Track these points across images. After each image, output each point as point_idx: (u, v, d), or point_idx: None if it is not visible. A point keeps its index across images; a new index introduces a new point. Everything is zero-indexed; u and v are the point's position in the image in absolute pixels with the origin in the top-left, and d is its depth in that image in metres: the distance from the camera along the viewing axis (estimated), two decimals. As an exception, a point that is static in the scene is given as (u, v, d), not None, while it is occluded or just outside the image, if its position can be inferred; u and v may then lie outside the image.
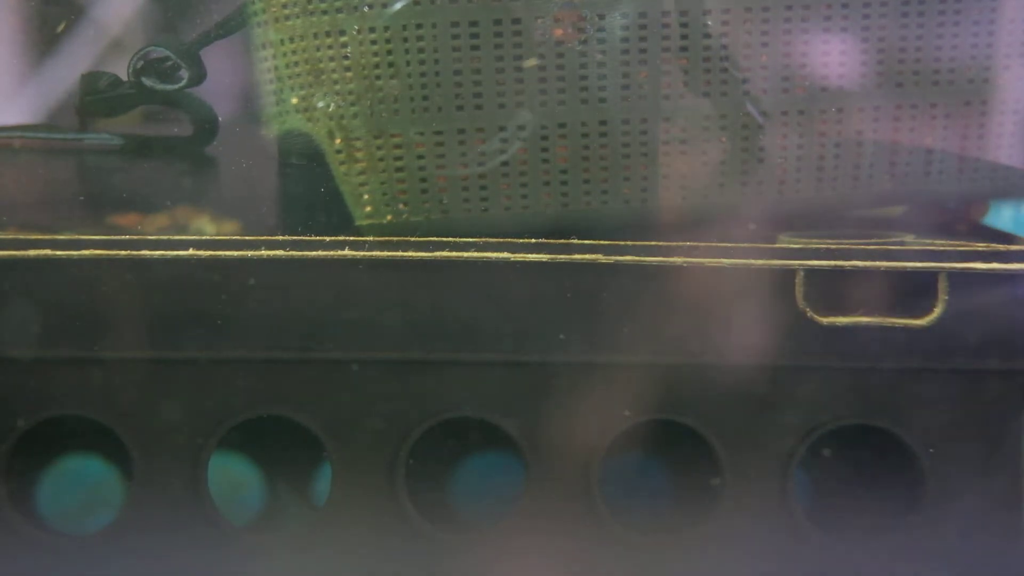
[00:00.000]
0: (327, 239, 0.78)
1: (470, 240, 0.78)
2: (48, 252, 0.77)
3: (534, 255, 0.78)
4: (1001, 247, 0.78)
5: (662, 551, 0.81)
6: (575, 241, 0.78)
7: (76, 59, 1.04)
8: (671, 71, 0.79)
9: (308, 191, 0.87)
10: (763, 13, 0.79)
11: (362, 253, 0.78)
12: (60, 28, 0.89)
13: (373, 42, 0.78)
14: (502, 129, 0.79)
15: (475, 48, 0.78)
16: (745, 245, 0.78)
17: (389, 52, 0.78)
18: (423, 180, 0.79)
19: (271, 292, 0.79)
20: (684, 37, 0.78)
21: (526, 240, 0.78)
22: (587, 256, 0.78)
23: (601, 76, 0.79)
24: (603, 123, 0.79)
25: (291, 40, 0.80)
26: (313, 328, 0.79)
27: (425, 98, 0.78)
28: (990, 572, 0.81)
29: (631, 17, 0.78)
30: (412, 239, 0.78)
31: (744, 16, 0.78)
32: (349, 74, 0.78)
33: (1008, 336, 0.79)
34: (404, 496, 0.80)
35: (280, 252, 0.78)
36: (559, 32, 0.78)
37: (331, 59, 0.79)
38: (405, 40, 0.77)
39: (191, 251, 0.78)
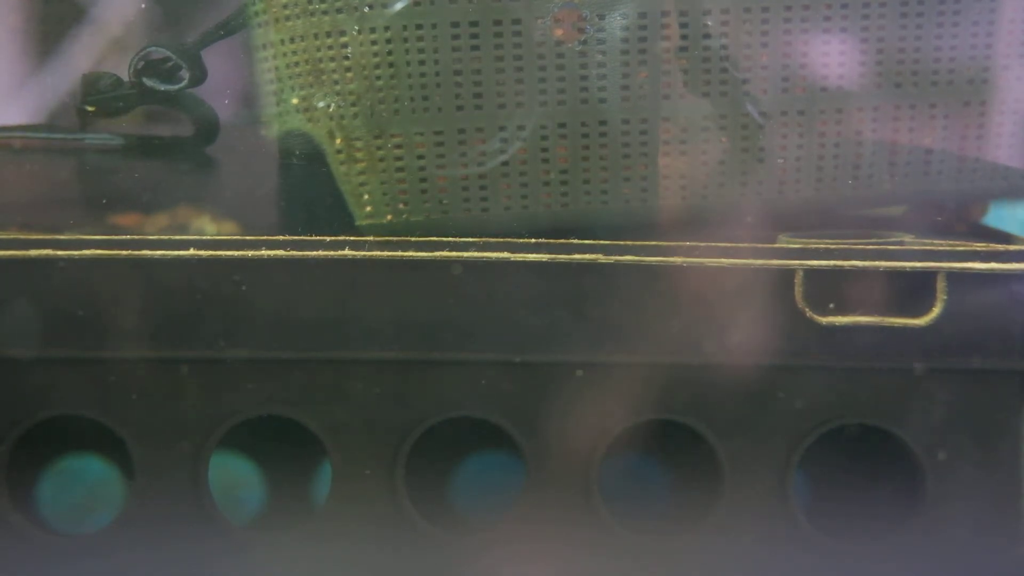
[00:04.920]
0: (327, 239, 0.78)
1: (470, 240, 0.78)
2: (49, 252, 0.78)
3: (534, 255, 0.78)
4: (1000, 247, 0.78)
5: (662, 551, 0.81)
6: (575, 241, 0.78)
7: (77, 59, 1.04)
8: (671, 71, 0.79)
9: (308, 191, 0.87)
10: (763, 13, 0.79)
11: (362, 253, 0.78)
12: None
13: (373, 42, 0.78)
14: (502, 129, 0.79)
15: (475, 48, 0.78)
16: (745, 245, 0.78)
17: (389, 52, 0.78)
18: (423, 180, 0.79)
19: (271, 292, 0.79)
20: (684, 37, 0.78)
21: (526, 240, 0.78)
22: (587, 256, 0.78)
23: (601, 76, 0.79)
24: (603, 123, 0.79)
25: (292, 40, 0.80)
26: (313, 328, 0.79)
27: (425, 98, 0.78)
28: (990, 572, 0.81)
29: (631, 17, 0.78)
30: (412, 239, 0.79)
31: (744, 16, 0.79)
32: (349, 74, 0.79)
33: (1007, 336, 0.79)
34: (404, 496, 0.80)
35: (280, 252, 0.78)
36: (559, 32, 0.78)
37: (331, 59, 0.79)
38: (405, 40, 0.78)
39: (192, 251, 0.78)
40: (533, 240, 0.78)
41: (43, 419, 0.80)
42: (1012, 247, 0.78)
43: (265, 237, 0.78)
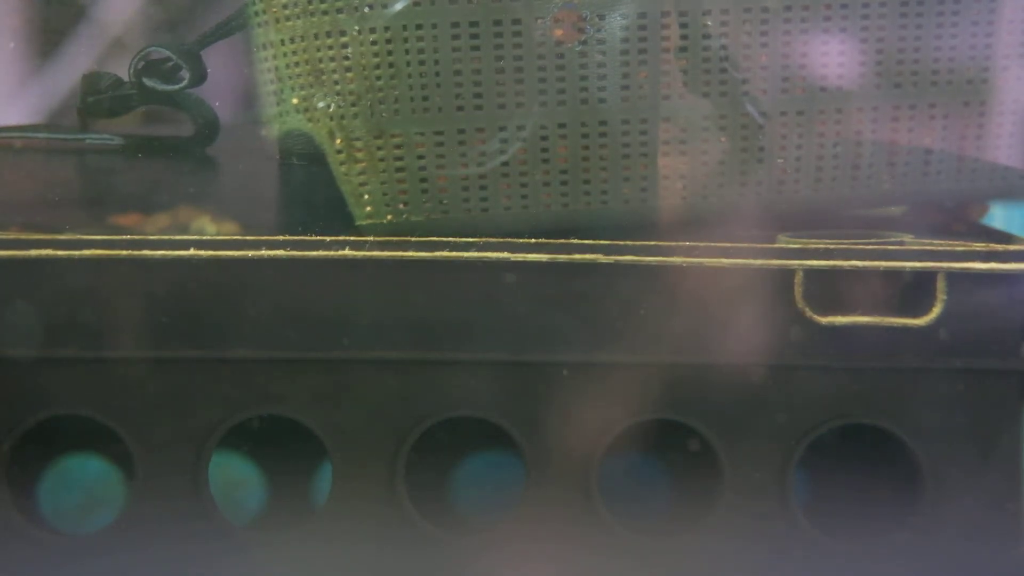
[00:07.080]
0: (327, 239, 0.78)
1: (470, 240, 0.78)
2: (49, 252, 0.77)
3: (534, 255, 0.78)
4: (1000, 247, 0.78)
5: (662, 551, 0.81)
6: (575, 241, 0.78)
7: (77, 59, 1.04)
8: (671, 71, 0.79)
9: (308, 191, 0.87)
10: (762, 13, 0.79)
11: (362, 253, 0.78)
12: None
13: (373, 42, 0.78)
14: (502, 129, 0.79)
15: (475, 48, 0.78)
16: (744, 245, 0.78)
17: (389, 52, 0.78)
18: (423, 180, 0.79)
19: (271, 292, 0.79)
20: (684, 37, 0.78)
21: (526, 240, 0.78)
22: (587, 256, 0.78)
23: (601, 76, 0.79)
24: (603, 123, 0.79)
25: (292, 40, 0.80)
26: (313, 328, 0.79)
27: (425, 98, 0.78)
28: (990, 572, 0.81)
29: (631, 17, 0.78)
30: (412, 239, 0.79)
31: (744, 16, 0.79)
32: (349, 74, 0.78)
33: (1007, 336, 0.79)
34: (404, 496, 0.80)
35: (280, 252, 0.78)
36: (559, 32, 0.78)
37: (331, 59, 0.79)
38: (405, 40, 0.78)
39: (192, 251, 0.78)
40: (533, 240, 0.78)
41: (43, 419, 0.80)
42: (1012, 247, 0.78)
43: (265, 237, 0.78)
